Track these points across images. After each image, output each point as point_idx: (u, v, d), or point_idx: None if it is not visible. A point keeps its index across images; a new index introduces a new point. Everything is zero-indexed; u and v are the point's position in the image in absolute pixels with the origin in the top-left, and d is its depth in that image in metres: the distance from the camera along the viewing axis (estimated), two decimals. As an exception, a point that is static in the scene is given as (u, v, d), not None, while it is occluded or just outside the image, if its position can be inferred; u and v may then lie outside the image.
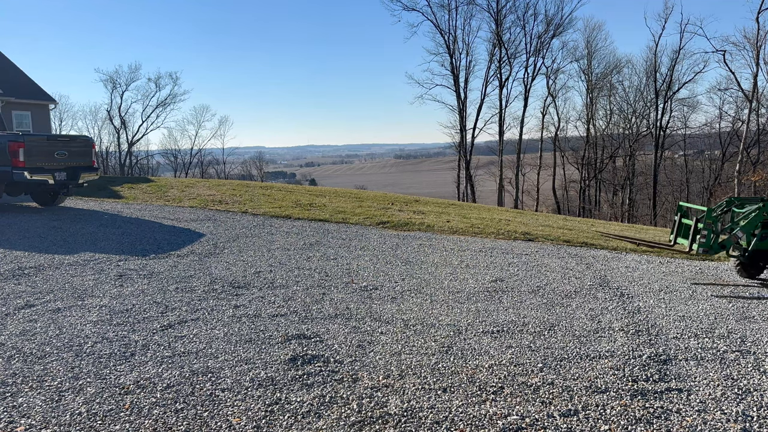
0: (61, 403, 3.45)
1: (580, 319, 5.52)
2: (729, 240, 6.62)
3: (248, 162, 75.73)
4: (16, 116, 22.68)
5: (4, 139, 10.29)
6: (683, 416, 3.54)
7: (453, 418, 3.41)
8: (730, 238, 6.61)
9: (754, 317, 5.79)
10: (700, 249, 6.64)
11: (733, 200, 7.41)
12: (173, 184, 17.58)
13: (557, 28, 39.82)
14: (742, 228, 6.54)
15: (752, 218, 6.52)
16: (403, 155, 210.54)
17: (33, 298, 5.60)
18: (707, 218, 6.54)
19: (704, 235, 6.58)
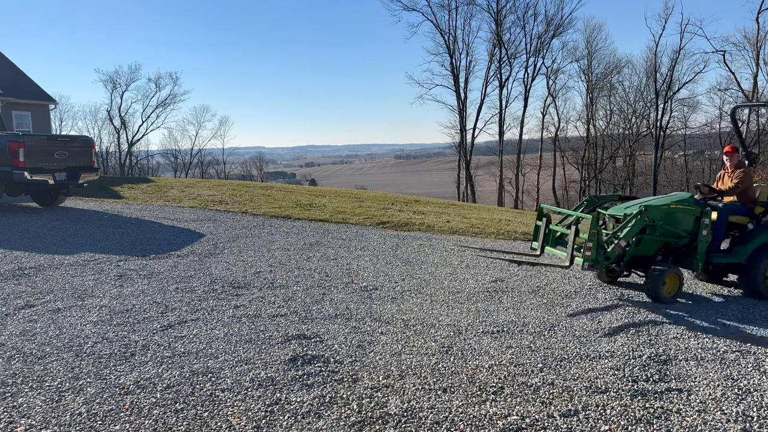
0: (61, 403, 3.45)
1: (580, 320, 5.51)
2: (613, 250, 5.79)
3: (248, 162, 75.73)
4: (16, 116, 22.67)
5: (4, 140, 10.29)
6: (683, 416, 3.54)
7: (453, 419, 3.41)
8: (614, 249, 5.78)
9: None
10: (586, 264, 5.70)
11: (593, 200, 6.88)
12: (173, 184, 17.58)
13: (557, 28, 39.87)
14: (625, 236, 5.80)
15: (634, 225, 5.82)
16: (403, 155, 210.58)
17: (33, 298, 5.60)
18: (592, 227, 5.68)
19: (590, 248, 5.66)
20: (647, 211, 5.83)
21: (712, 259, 6.23)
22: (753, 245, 6.29)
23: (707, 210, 6.07)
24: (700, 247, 6.07)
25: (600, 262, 5.76)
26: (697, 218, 6.11)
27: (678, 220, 6.09)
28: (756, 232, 6.38)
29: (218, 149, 60.27)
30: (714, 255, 6.26)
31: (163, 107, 49.60)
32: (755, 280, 6.31)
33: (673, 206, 6.00)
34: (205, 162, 57.81)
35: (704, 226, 6.02)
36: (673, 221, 6.06)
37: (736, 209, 6.55)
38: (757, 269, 6.29)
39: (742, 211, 6.58)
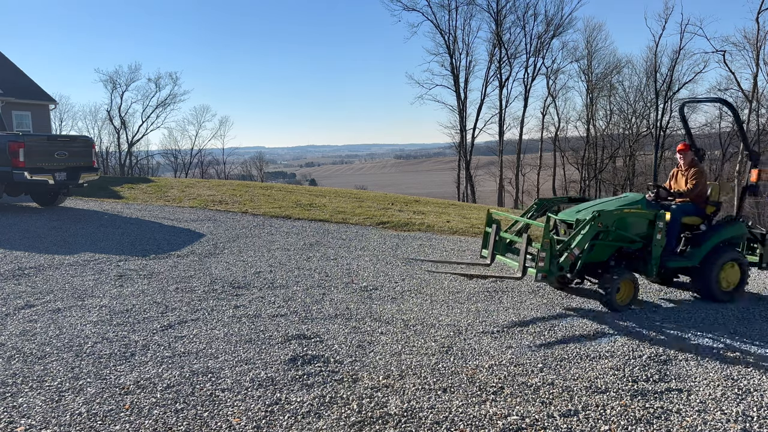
0: (61, 404, 3.45)
1: (580, 320, 5.51)
2: (567, 260, 5.42)
3: (248, 162, 75.71)
4: (16, 116, 22.67)
5: (4, 140, 10.29)
6: (683, 416, 3.54)
7: (453, 419, 3.41)
8: (568, 258, 5.42)
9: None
10: (539, 275, 5.32)
11: (543, 203, 6.63)
12: (173, 184, 17.58)
13: (557, 28, 39.88)
14: (578, 244, 5.44)
15: (587, 232, 5.47)
16: (403, 155, 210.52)
17: (33, 298, 5.60)
18: (545, 236, 5.27)
19: (543, 258, 5.29)
20: (600, 217, 5.50)
21: (666, 263, 5.98)
22: (706, 247, 6.10)
23: (661, 213, 5.81)
24: (654, 251, 5.80)
25: (554, 273, 5.42)
26: (650, 222, 5.82)
27: (631, 225, 5.79)
28: (709, 234, 6.20)
29: (218, 149, 60.28)
30: (668, 258, 6.01)
31: (163, 107, 49.62)
32: (709, 283, 6.09)
33: (626, 210, 5.74)
34: (205, 162, 57.79)
35: (658, 229, 5.75)
36: (626, 226, 5.76)
37: (688, 210, 6.33)
38: (711, 272, 6.07)
39: (695, 212, 6.37)
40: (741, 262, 6.26)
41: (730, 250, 6.21)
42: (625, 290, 5.74)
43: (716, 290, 6.13)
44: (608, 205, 6.02)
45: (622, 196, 6.35)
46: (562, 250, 5.47)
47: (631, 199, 6.14)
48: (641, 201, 6.05)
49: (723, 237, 6.21)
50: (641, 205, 5.98)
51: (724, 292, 6.19)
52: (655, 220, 5.77)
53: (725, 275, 6.18)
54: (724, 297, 6.20)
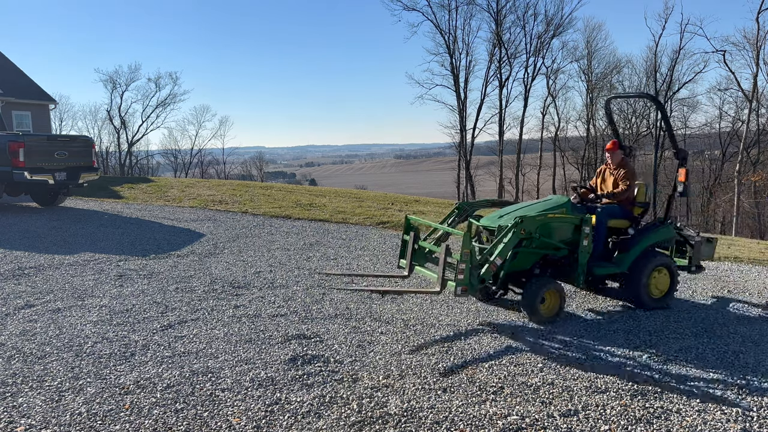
0: (61, 403, 3.45)
1: (580, 320, 5.51)
2: (488, 271, 4.96)
3: (248, 162, 75.69)
4: (16, 116, 22.66)
5: (4, 139, 10.29)
6: (683, 416, 3.54)
7: (453, 418, 3.42)
8: (489, 269, 4.96)
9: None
10: (458, 288, 4.82)
11: (464, 206, 6.13)
12: (173, 184, 17.58)
13: (557, 28, 39.82)
14: (500, 254, 4.99)
15: (509, 240, 5.02)
16: (403, 155, 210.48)
17: (33, 298, 5.60)
18: (465, 246, 4.76)
19: (462, 269, 4.79)
20: (523, 223, 5.08)
21: (593, 269, 5.56)
22: (635, 252, 5.72)
23: (587, 218, 5.36)
24: (581, 258, 5.36)
25: (475, 285, 4.94)
26: (576, 227, 5.40)
27: (556, 231, 5.38)
28: (637, 238, 5.78)
29: (218, 149, 60.25)
30: (595, 265, 5.59)
31: (163, 107, 49.56)
32: (638, 290, 5.70)
33: (551, 215, 5.34)
34: (205, 162, 57.76)
35: (585, 235, 5.32)
36: (550, 232, 5.36)
37: (615, 212, 5.89)
38: (640, 278, 5.68)
39: (622, 214, 5.93)
40: (671, 267, 5.89)
41: (659, 254, 5.89)
42: (550, 300, 5.30)
43: (646, 297, 5.76)
44: (531, 209, 5.58)
45: (547, 199, 5.90)
46: (483, 261, 5.00)
47: (555, 202, 5.69)
48: (566, 204, 5.61)
49: (652, 241, 5.84)
50: (566, 208, 5.54)
51: (654, 299, 5.83)
52: (581, 225, 5.36)
53: (655, 281, 5.81)
54: (655, 304, 5.83)
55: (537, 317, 5.24)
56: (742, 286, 7.25)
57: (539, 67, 40.88)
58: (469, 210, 6.13)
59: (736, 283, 7.42)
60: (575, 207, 5.72)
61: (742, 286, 7.25)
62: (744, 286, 7.25)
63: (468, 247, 4.79)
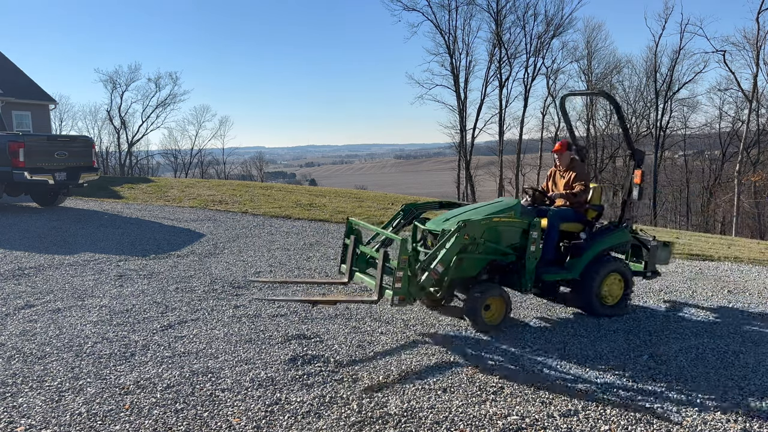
0: (61, 403, 3.45)
1: (580, 320, 5.51)
2: (429, 279, 4.67)
3: (248, 162, 75.65)
4: (16, 116, 22.66)
5: (4, 140, 10.29)
6: (683, 416, 3.54)
7: (453, 418, 3.41)
8: (430, 276, 4.66)
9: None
10: (396, 298, 4.52)
11: (410, 208, 5.80)
12: (173, 184, 17.59)
13: (557, 28, 39.78)
14: (442, 260, 4.70)
15: (451, 246, 4.73)
16: (403, 155, 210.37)
17: (33, 298, 5.60)
18: (402, 252, 4.46)
19: (400, 277, 4.48)
20: (467, 228, 4.78)
21: (542, 275, 5.30)
22: (587, 257, 5.45)
23: (535, 221, 5.08)
24: (528, 264, 5.07)
25: (413, 294, 4.65)
26: (524, 231, 5.11)
27: (503, 235, 5.09)
28: (589, 243, 5.51)
29: (218, 149, 60.21)
30: (545, 270, 5.35)
31: (163, 107, 49.53)
32: (590, 297, 5.44)
33: (497, 219, 5.05)
34: (205, 162, 57.74)
35: (532, 240, 5.04)
36: (497, 236, 5.06)
37: (567, 215, 5.63)
38: (591, 285, 5.41)
39: (575, 218, 5.67)
40: (625, 273, 5.61)
41: (612, 259, 5.60)
42: (495, 308, 5.02)
43: (597, 305, 5.49)
44: (478, 212, 5.27)
45: (497, 202, 5.65)
46: (425, 268, 4.71)
47: (504, 205, 5.42)
48: (515, 207, 5.34)
49: (605, 245, 5.58)
50: (515, 211, 5.27)
51: (606, 307, 5.56)
52: (529, 229, 5.08)
53: (608, 288, 5.54)
54: (607, 312, 5.55)
55: (480, 325, 4.94)
56: (742, 286, 7.25)
57: (539, 67, 40.87)
58: (415, 212, 5.77)
59: (736, 283, 7.42)
60: (525, 210, 5.49)
61: (742, 286, 7.25)
62: (744, 286, 7.25)
63: (406, 254, 4.48)
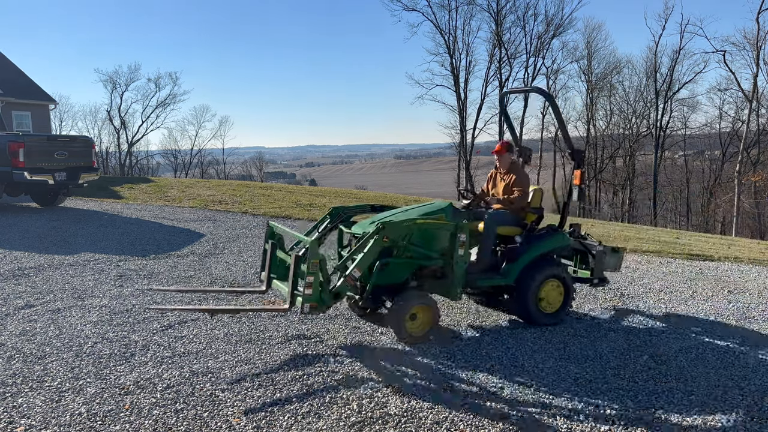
0: (61, 404, 3.45)
1: (580, 320, 5.51)
2: (344, 285, 4.43)
3: (248, 162, 75.61)
4: (16, 116, 22.66)
5: (4, 140, 10.29)
6: (683, 416, 3.54)
7: (453, 418, 3.41)
8: (346, 282, 4.42)
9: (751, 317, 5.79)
10: (306, 305, 4.26)
11: (339, 211, 5.44)
12: (173, 184, 17.59)
13: (557, 28, 39.79)
14: (358, 264, 4.43)
15: (370, 248, 4.46)
16: (403, 155, 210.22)
17: (33, 298, 5.60)
18: (311, 257, 4.20)
19: (310, 283, 4.24)
20: (385, 230, 4.50)
21: (477, 281, 5.08)
22: (522, 262, 5.18)
23: (462, 224, 4.80)
24: (456, 269, 4.77)
25: (326, 302, 4.38)
26: (453, 234, 4.80)
27: (429, 238, 4.79)
28: (525, 247, 5.24)
29: (218, 149, 60.14)
30: (478, 276, 5.11)
31: (162, 107, 49.47)
32: (526, 303, 5.17)
33: (420, 221, 4.74)
34: (205, 162, 57.69)
35: (460, 243, 4.75)
36: (423, 240, 4.76)
37: (505, 219, 5.39)
38: (527, 291, 5.14)
39: (513, 221, 5.42)
40: (564, 279, 5.33)
41: (550, 265, 5.31)
42: (422, 317, 4.69)
43: (535, 312, 5.22)
44: (405, 214, 5.03)
45: (429, 204, 5.35)
46: (340, 273, 4.49)
47: (436, 207, 5.17)
48: (446, 209, 5.08)
49: (542, 250, 5.29)
50: (445, 214, 5.01)
51: (545, 314, 5.28)
52: (456, 232, 4.79)
53: (546, 294, 5.26)
54: (546, 320, 5.28)
55: (404, 336, 4.62)
56: (743, 286, 7.25)
57: (539, 67, 40.89)
58: (344, 215, 5.43)
59: (736, 283, 7.42)
60: (457, 213, 5.21)
61: (742, 286, 7.25)
62: (744, 286, 7.25)
63: (316, 258, 4.22)
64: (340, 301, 4.74)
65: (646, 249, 9.96)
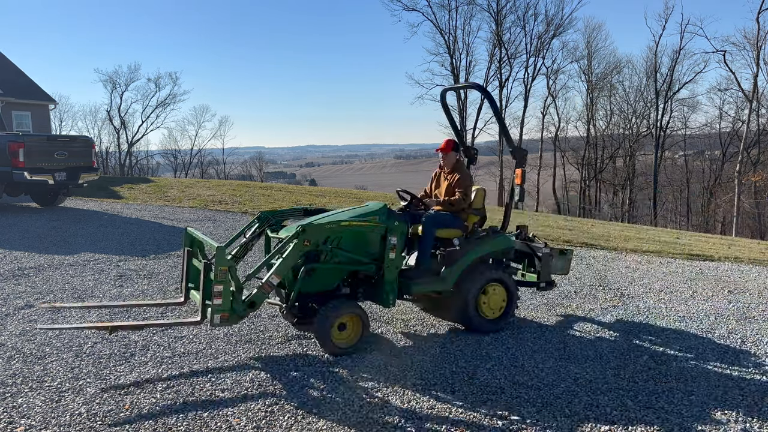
0: (61, 404, 3.45)
1: (580, 320, 5.52)
2: (261, 293, 4.15)
3: (248, 162, 75.56)
4: (16, 116, 22.66)
5: (4, 140, 10.29)
6: (683, 416, 3.54)
7: (453, 419, 3.41)
8: (262, 290, 4.14)
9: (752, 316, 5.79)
10: (217, 317, 3.95)
11: (267, 216, 5.03)
12: (173, 184, 17.59)
13: (557, 28, 39.79)
14: (277, 270, 4.15)
15: (289, 253, 4.19)
16: (403, 155, 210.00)
17: (33, 298, 5.60)
18: (219, 263, 3.89)
19: (219, 292, 3.92)
20: (306, 233, 4.23)
21: (411, 287, 4.74)
22: (461, 266, 4.88)
23: (394, 226, 4.56)
24: (388, 275, 4.54)
25: (239, 312, 4.07)
26: (383, 238, 4.57)
27: (358, 242, 4.54)
28: (464, 250, 4.95)
29: (218, 149, 60.12)
30: (414, 282, 4.77)
31: (162, 107, 49.44)
32: (465, 309, 4.88)
33: (345, 224, 4.45)
34: (205, 162, 57.67)
35: (391, 247, 4.51)
36: (351, 244, 4.51)
37: (445, 221, 5.06)
38: (466, 296, 4.87)
39: (452, 223, 5.09)
40: (506, 283, 5.09)
41: (490, 268, 5.07)
42: (352, 327, 4.43)
43: (476, 318, 4.93)
44: (335, 217, 4.74)
45: (364, 206, 5.00)
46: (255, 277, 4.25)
47: (370, 209, 4.80)
48: (380, 211, 4.72)
49: (481, 253, 5.04)
50: (380, 216, 4.66)
51: (487, 321, 5.00)
52: (386, 235, 4.55)
53: (487, 299, 5.00)
54: (488, 326, 5.01)
55: (329, 347, 4.32)
56: (743, 286, 7.25)
57: (539, 67, 40.89)
58: (273, 220, 5.04)
59: (736, 283, 7.42)
60: (393, 215, 4.82)
61: (742, 286, 7.25)
62: (744, 286, 7.25)
63: (224, 264, 3.91)
64: (256, 310, 4.39)
65: (647, 249, 9.96)
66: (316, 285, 4.50)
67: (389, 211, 4.81)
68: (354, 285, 4.76)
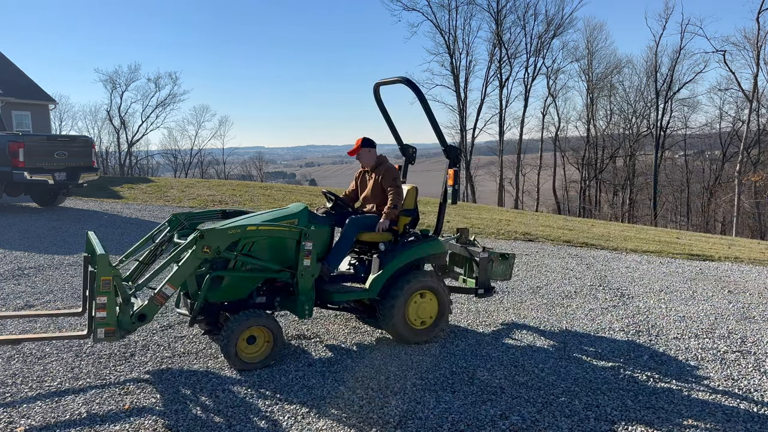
0: (61, 404, 3.45)
1: (580, 320, 5.52)
2: (153, 305, 3.85)
3: (248, 162, 75.54)
4: (16, 116, 22.67)
5: (4, 140, 10.30)
6: (683, 416, 3.54)
7: (453, 419, 3.41)
8: (154, 301, 3.84)
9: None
10: (100, 331, 3.64)
11: (180, 220, 4.64)
12: (173, 184, 17.59)
13: (557, 28, 39.81)
14: (172, 280, 3.86)
15: (187, 261, 3.88)
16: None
17: (33, 299, 5.60)
18: (101, 272, 3.57)
19: (103, 305, 3.61)
20: (205, 239, 3.89)
21: (332, 296, 4.43)
22: (387, 272, 4.52)
23: (310, 231, 4.23)
24: (302, 283, 4.23)
25: (125, 326, 3.77)
26: (298, 243, 4.25)
27: (269, 248, 4.24)
28: (391, 255, 4.59)
29: (218, 149, 60.10)
30: (335, 290, 4.49)
31: (162, 107, 49.43)
32: (392, 318, 4.49)
33: (251, 228, 4.10)
34: (205, 162, 57.66)
35: (305, 253, 4.20)
36: (262, 249, 4.22)
37: (371, 223, 4.74)
38: (393, 305, 4.48)
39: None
40: (438, 291, 4.72)
41: (420, 275, 4.67)
42: (263, 340, 4.09)
43: (403, 328, 4.56)
44: (248, 220, 4.32)
45: (284, 208, 4.72)
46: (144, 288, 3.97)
47: (289, 211, 4.50)
48: (300, 214, 4.40)
49: (410, 258, 4.66)
50: (299, 218, 4.37)
51: (416, 331, 4.65)
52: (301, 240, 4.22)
53: (416, 308, 4.63)
54: (417, 337, 4.66)
55: (234, 362, 3.99)
56: (743, 286, 7.25)
57: (539, 67, 40.90)
58: (186, 223, 4.64)
59: (736, 283, 7.42)
60: (315, 218, 4.55)
61: (742, 286, 7.25)
62: (744, 286, 7.25)
63: (107, 273, 3.58)
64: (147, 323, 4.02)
65: (647, 249, 9.96)
66: (225, 294, 4.21)
67: (310, 213, 4.52)
68: (271, 294, 4.44)
